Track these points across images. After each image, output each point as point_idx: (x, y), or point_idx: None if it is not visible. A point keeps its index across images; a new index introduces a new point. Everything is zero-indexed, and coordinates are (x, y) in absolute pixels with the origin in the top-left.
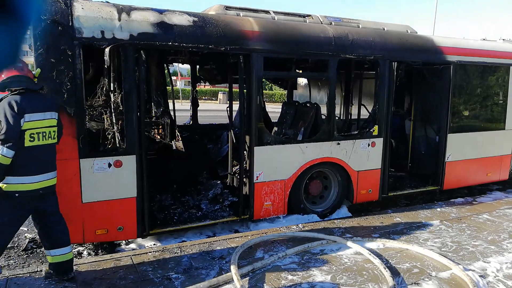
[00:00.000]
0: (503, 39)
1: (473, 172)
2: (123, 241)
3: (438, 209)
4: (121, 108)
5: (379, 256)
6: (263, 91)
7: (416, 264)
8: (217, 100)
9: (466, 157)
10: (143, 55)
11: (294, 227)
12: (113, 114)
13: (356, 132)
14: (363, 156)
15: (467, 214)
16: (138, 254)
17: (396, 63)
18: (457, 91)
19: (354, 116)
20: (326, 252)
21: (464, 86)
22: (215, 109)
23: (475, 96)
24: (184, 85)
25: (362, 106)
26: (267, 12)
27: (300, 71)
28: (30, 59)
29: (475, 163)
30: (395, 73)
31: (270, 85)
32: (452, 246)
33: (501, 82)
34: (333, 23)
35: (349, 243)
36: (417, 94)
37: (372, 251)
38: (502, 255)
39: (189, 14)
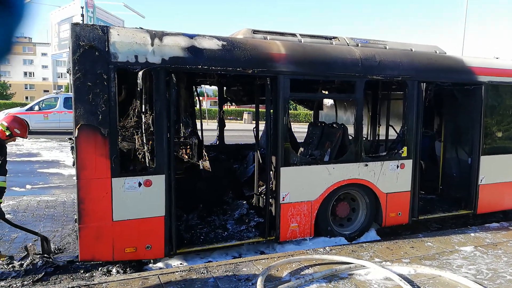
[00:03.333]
0: None
1: (508, 196)
2: (151, 260)
3: (472, 234)
4: (152, 129)
5: (410, 282)
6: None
7: None
8: (242, 120)
9: (500, 180)
10: (174, 78)
11: (321, 249)
12: (144, 134)
13: (385, 154)
14: (392, 178)
15: (503, 240)
16: (166, 274)
17: (424, 83)
18: (490, 112)
19: (382, 137)
20: (354, 277)
21: (496, 107)
22: (240, 128)
23: (509, 117)
24: (210, 105)
25: (390, 127)
26: (293, 35)
27: (327, 92)
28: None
29: (511, 186)
30: (424, 93)
31: (294, 105)
32: (488, 274)
33: None
34: (359, 44)
35: (379, 268)
36: (447, 115)
37: (402, 276)
38: None
39: (218, 38)
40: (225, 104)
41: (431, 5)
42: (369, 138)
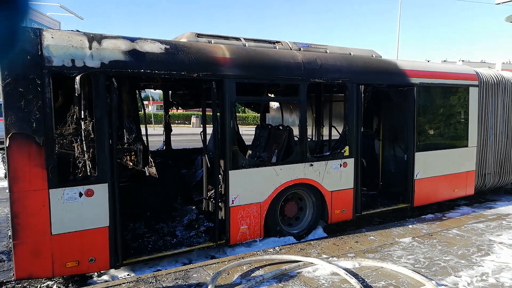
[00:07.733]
0: (462, 61)
1: (441, 189)
2: (95, 273)
3: (410, 226)
4: (92, 136)
5: (355, 275)
6: (236, 114)
7: (391, 282)
8: (190, 124)
9: (433, 174)
10: (115, 82)
11: (271, 250)
12: (84, 142)
13: (328, 153)
14: (336, 177)
15: (438, 229)
16: (111, 286)
17: (363, 86)
18: (422, 111)
19: (326, 137)
20: (303, 274)
21: (428, 107)
22: (189, 132)
23: (439, 116)
24: (156, 109)
25: (333, 128)
26: (238, 39)
27: (272, 95)
28: None
29: (443, 180)
30: (362, 95)
31: (243, 107)
32: (424, 262)
33: (462, 101)
34: (302, 48)
35: (326, 264)
36: (385, 115)
37: (348, 270)
38: (472, 269)
39: (161, 41)
40: (172, 108)
41: (367, 10)
42: (313, 139)
